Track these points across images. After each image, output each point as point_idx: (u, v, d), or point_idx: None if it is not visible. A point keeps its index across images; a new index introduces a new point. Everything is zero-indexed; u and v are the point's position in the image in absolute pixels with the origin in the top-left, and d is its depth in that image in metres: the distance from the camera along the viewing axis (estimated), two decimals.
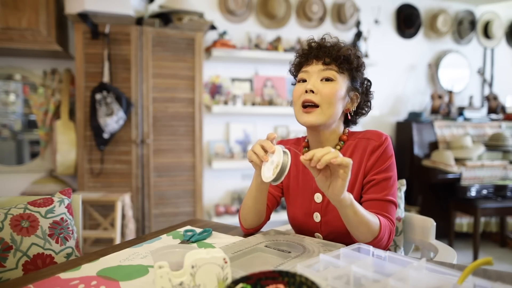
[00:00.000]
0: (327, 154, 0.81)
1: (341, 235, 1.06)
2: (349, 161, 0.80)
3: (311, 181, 1.11)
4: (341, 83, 1.05)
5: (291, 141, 1.23)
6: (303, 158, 0.83)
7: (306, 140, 1.18)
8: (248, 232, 1.15)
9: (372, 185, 1.02)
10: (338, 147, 1.09)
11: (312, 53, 1.07)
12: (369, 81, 1.14)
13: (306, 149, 1.17)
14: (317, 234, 1.10)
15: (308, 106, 1.03)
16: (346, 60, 1.05)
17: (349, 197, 0.87)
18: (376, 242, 0.94)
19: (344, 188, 0.83)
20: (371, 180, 1.02)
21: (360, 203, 1.03)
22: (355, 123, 1.17)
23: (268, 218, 1.18)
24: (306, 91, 1.03)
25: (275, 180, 0.88)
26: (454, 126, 3.60)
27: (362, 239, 0.94)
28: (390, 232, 0.98)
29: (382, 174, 1.02)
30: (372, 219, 0.93)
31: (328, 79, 1.04)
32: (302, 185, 1.13)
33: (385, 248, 0.98)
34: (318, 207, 1.09)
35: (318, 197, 1.09)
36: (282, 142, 1.24)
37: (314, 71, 1.05)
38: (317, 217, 1.09)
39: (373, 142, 1.05)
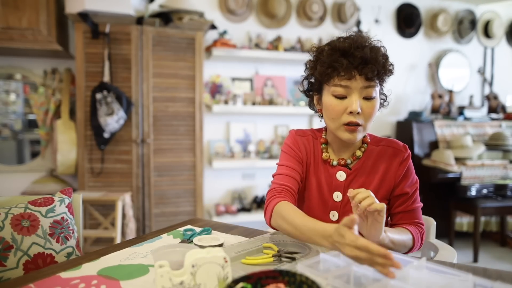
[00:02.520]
0: (365, 199, 0.84)
1: None
2: (383, 206, 0.83)
3: (331, 178, 1.09)
4: (378, 96, 1.03)
5: (308, 132, 1.17)
6: (351, 194, 0.86)
7: (323, 135, 1.14)
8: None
9: (406, 198, 1.07)
10: (363, 149, 1.10)
11: (357, 67, 0.95)
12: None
13: (325, 145, 1.12)
14: None
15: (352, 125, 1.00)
16: (389, 73, 1.02)
17: (386, 235, 0.91)
18: (411, 252, 1.04)
19: (381, 230, 0.87)
20: (404, 193, 1.07)
21: (392, 213, 1.09)
22: None
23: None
24: (351, 112, 0.98)
25: None
26: (454, 125, 3.60)
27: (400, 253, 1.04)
28: (422, 236, 1.05)
29: (413, 186, 1.08)
30: (406, 238, 1.00)
31: (370, 98, 0.99)
32: (322, 182, 1.10)
33: (419, 248, 1.07)
34: (337, 205, 1.08)
35: (337, 196, 1.08)
36: (298, 131, 1.17)
37: (356, 87, 0.97)
38: (334, 215, 1.08)
39: (401, 153, 1.08)
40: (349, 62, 0.95)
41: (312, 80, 1.09)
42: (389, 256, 0.66)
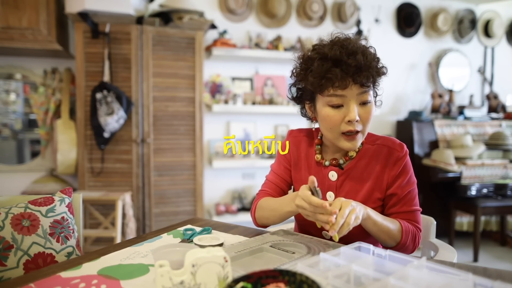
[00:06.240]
0: (343, 227, 0.85)
1: (350, 235, 1.03)
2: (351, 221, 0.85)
3: (324, 179, 1.10)
4: (373, 99, 1.02)
5: (303, 133, 1.20)
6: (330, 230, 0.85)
7: (319, 137, 1.15)
8: (260, 227, 1.17)
9: (398, 199, 1.04)
10: (357, 149, 1.07)
11: (352, 76, 0.93)
12: None
13: (319, 146, 1.14)
14: (324, 232, 1.08)
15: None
16: (382, 75, 1.00)
17: (365, 212, 0.92)
18: (400, 247, 0.99)
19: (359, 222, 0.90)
20: (395, 193, 1.04)
21: (386, 214, 1.06)
22: None
23: None
24: (350, 121, 0.97)
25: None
26: (454, 125, 3.60)
27: (386, 244, 1.01)
28: (415, 236, 1.01)
29: (406, 187, 1.04)
30: (392, 227, 0.98)
31: (365, 103, 0.99)
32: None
33: (412, 251, 1.03)
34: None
35: (330, 196, 1.08)
36: (293, 132, 1.22)
37: (352, 95, 0.96)
38: None
39: (396, 152, 1.04)
40: (343, 71, 0.93)
41: (300, 86, 1.07)
42: (324, 205, 0.83)
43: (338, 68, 0.93)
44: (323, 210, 0.85)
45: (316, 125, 1.13)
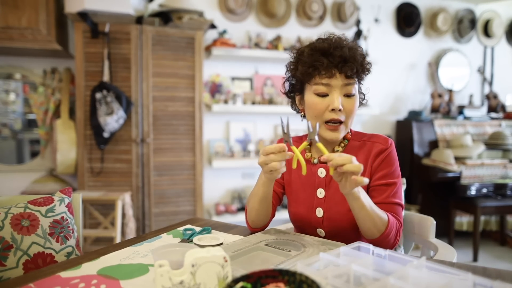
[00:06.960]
0: (348, 164, 0.83)
1: (343, 231, 1.06)
2: (358, 167, 0.83)
3: (313, 176, 1.11)
4: (357, 94, 1.06)
5: (293, 139, 1.23)
6: (325, 157, 0.86)
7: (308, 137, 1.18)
8: (255, 231, 1.14)
9: (378, 189, 1.04)
10: (343, 144, 1.11)
11: (337, 66, 0.99)
12: None
13: (308, 146, 1.17)
14: (319, 230, 1.10)
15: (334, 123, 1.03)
16: (366, 71, 1.05)
17: (357, 191, 0.90)
18: (382, 239, 0.96)
19: (352, 188, 0.87)
20: (376, 184, 1.04)
21: None
22: None
23: (273, 215, 1.18)
24: (333, 110, 1.01)
25: None
26: (454, 124, 3.60)
27: (369, 234, 0.97)
28: (397, 231, 1.00)
29: (387, 179, 1.04)
30: (381, 214, 0.96)
31: (350, 95, 1.03)
32: (304, 181, 1.14)
33: (393, 247, 1.00)
34: (321, 202, 1.09)
35: (320, 192, 1.09)
36: (283, 140, 1.24)
37: (337, 85, 1.01)
38: (319, 212, 1.09)
39: (378, 145, 1.06)
40: (329, 61, 0.99)
41: (293, 81, 1.12)
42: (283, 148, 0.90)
43: (326, 58, 1.00)
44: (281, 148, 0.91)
45: (305, 121, 1.15)
